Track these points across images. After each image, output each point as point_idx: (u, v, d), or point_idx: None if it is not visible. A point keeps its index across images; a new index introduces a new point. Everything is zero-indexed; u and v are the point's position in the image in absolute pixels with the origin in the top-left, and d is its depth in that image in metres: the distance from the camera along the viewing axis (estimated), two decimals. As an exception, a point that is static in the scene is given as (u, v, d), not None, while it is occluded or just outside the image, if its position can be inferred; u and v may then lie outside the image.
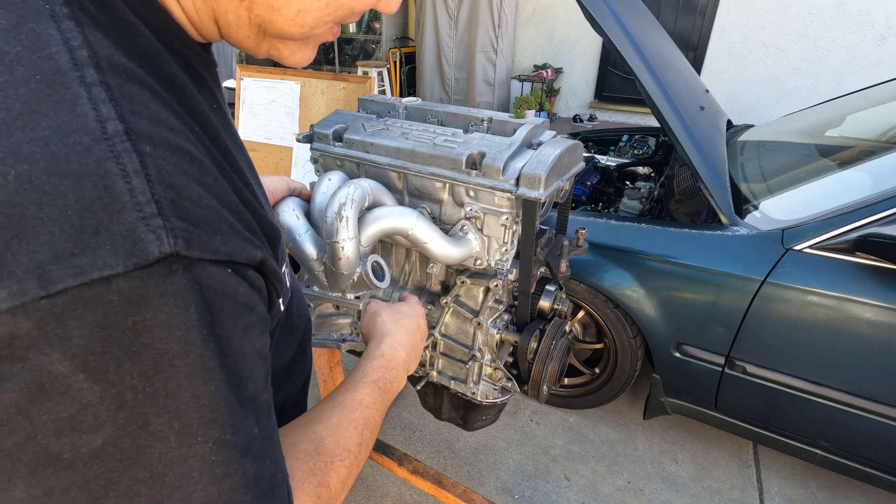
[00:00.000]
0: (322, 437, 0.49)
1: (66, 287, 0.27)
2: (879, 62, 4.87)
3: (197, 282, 0.31)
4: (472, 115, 0.97)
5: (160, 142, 0.31)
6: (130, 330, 0.29)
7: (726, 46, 5.46)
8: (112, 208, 0.28)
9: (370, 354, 0.62)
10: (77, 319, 0.27)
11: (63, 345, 0.27)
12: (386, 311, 0.71)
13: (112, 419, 0.29)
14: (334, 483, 0.47)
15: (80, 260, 0.27)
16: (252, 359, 0.37)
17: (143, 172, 0.29)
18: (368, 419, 0.54)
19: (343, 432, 0.51)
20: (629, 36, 1.68)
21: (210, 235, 0.32)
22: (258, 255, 0.37)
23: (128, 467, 0.30)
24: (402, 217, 0.81)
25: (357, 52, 7.13)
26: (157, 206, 0.29)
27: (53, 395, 0.27)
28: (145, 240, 0.29)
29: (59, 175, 0.27)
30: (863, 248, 1.42)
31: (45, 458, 0.28)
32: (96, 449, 0.29)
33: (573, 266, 1.76)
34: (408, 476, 1.67)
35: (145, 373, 0.29)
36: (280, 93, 1.93)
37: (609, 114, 6.32)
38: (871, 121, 2.31)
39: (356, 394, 0.55)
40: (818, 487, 1.90)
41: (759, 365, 1.63)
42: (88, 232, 0.27)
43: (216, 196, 0.35)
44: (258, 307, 0.38)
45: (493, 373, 1.02)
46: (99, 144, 0.28)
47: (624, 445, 2.06)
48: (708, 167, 1.73)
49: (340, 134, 0.98)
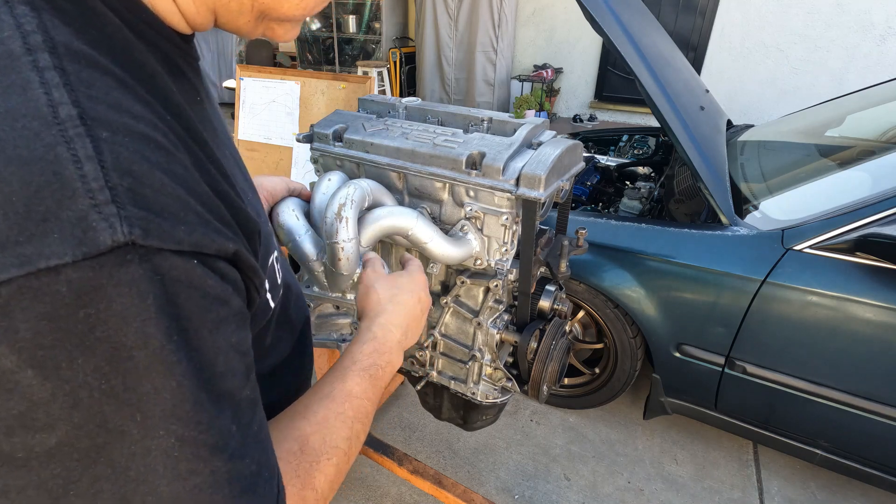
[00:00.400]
0: (307, 434, 0.47)
1: (10, 277, 0.26)
2: (879, 62, 4.86)
3: (157, 272, 0.30)
4: (472, 115, 0.97)
5: (120, 128, 0.30)
6: (82, 323, 0.27)
7: (726, 46, 5.46)
8: (61, 195, 0.27)
9: (361, 338, 0.58)
10: (23, 311, 0.26)
11: (8, 338, 0.26)
12: (381, 284, 0.65)
13: (66, 418, 0.28)
14: (321, 484, 0.45)
15: (25, 248, 0.26)
16: (227, 353, 0.35)
17: (97, 158, 0.28)
18: (359, 411, 0.51)
19: (330, 428, 0.48)
20: (629, 36, 1.68)
21: (173, 225, 0.31)
22: (230, 248, 0.36)
23: (87, 466, 0.29)
24: (402, 217, 0.81)
25: (357, 52, 7.13)
26: (111, 193, 0.28)
27: (0, 392, 0.27)
28: (97, 228, 0.27)
29: (4, 160, 0.26)
30: (863, 248, 1.41)
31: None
32: (51, 448, 0.28)
33: (573, 266, 1.76)
34: (408, 476, 1.67)
35: (100, 368, 0.28)
36: (280, 93, 1.93)
37: (609, 114, 6.32)
38: (871, 121, 2.31)
39: (345, 384, 0.52)
40: (818, 487, 1.90)
41: (759, 365, 1.63)
42: (35, 219, 0.26)
43: (184, 185, 0.33)
44: (233, 301, 0.37)
45: (493, 373, 1.02)
46: (49, 129, 0.27)
47: (624, 445, 2.06)
48: (708, 167, 1.73)
49: (340, 134, 0.98)
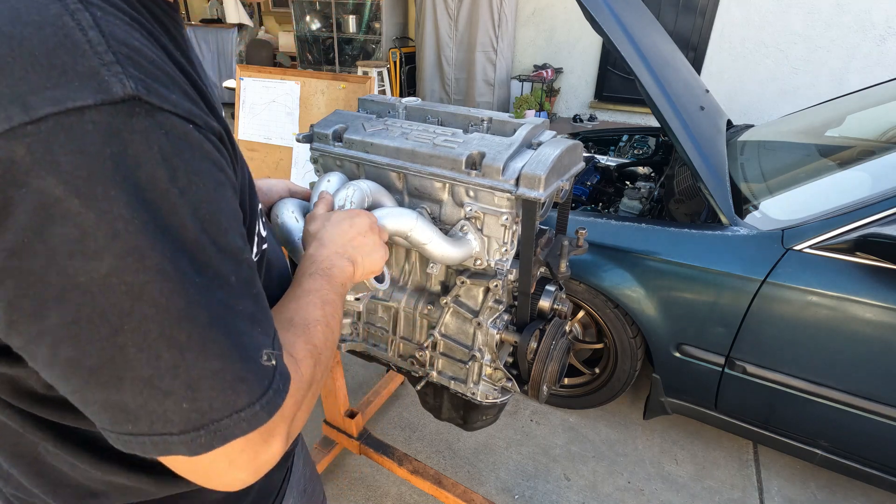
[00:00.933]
0: (289, 317, 0.52)
1: (46, 114, 0.30)
2: (879, 62, 4.86)
3: (161, 127, 0.34)
4: (472, 115, 0.97)
5: (110, 12, 0.34)
6: (109, 160, 0.31)
7: (726, 46, 5.46)
8: (74, 52, 0.31)
9: (305, 256, 0.64)
10: (61, 146, 0.30)
11: (54, 169, 0.30)
12: (314, 221, 0.70)
13: (110, 247, 0.31)
14: (319, 341, 0.51)
15: (55, 92, 0.30)
16: (229, 213, 0.39)
17: (97, 27, 0.32)
18: (324, 298, 0.57)
19: (306, 309, 0.54)
20: (629, 36, 1.68)
21: (168, 91, 0.35)
22: (216, 127, 0.40)
23: (135, 300, 0.32)
24: (401, 218, 0.80)
25: (357, 52, 7.13)
26: (114, 56, 0.32)
27: (58, 219, 0.30)
28: (109, 81, 0.31)
29: (22, 24, 0.30)
30: (863, 248, 1.41)
31: (67, 281, 0.31)
32: (104, 276, 0.31)
33: (573, 266, 1.76)
34: (408, 476, 1.67)
35: (130, 204, 0.32)
36: (280, 93, 1.93)
37: (609, 114, 6.32)
38: (871, 121, 2.31)
39: (300, 288, 0.57)
40: (818, 487, 1.90)
41: (759, 365, 1.63)
42: (58, 70, 0.30)
43: (170, 67, 0.37)
44: (228, 171, 0.40)
45: (493, 373, 1.02)
46: (54, 3, 0.31)
47: (624, 445, 2.06)
48: (708, 167, 1.73)
49: (340, 134, 0.98)
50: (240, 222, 0.41)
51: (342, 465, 1.93)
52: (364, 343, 1.13)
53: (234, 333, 0.37)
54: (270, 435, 0.40)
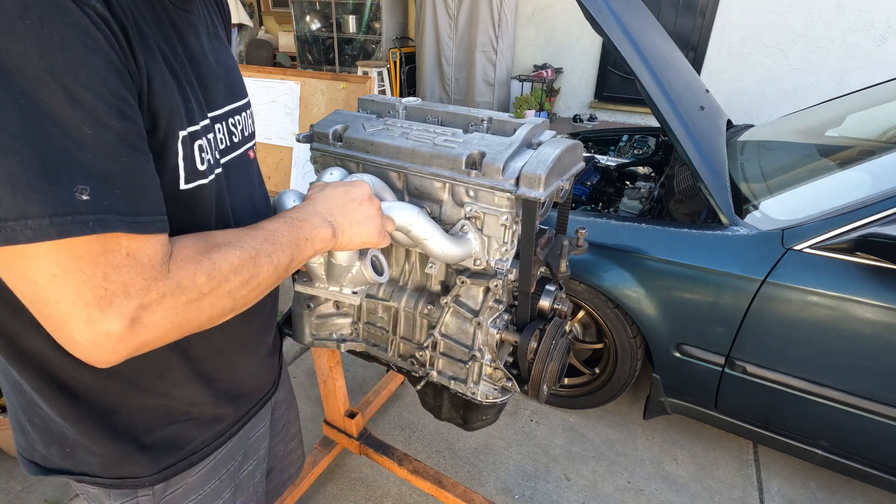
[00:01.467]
0: (214, 235, 0.53)
1: None
2: (879, 62, 4.86)
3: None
4: (472, 115, 0.97)
5: None
6: None
7: (726, 46, 5.46)
8: None
9: None
10: None
11: None
12: (311, 190, 0.71)
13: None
14: (220, 261, 0.50)
15: None
16: (92, 75, 0.42)
17: None
18: (272, 238, 0.56)
19: (240, 236, 0.54)
20: (629, 36, 1.68)
21: None
22: (103, 12, 0.44)
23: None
24: (403, 211, 0.80)
25: (357, 52, 7.12)
26: None
27: None
28: None
29: None
30: (863, 248, 1.41)
31: None
32: None
33: (573, 266, 1.76)
34: (408, 476, 1.67)
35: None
36: (280, 93, 1.93)
37: (609, 114, 6.32)
38: (871, 121, 2.31)
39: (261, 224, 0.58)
40: (818, 487, 1.90)
41: (759, 365, 1.63)
42: None
43: None
44: (105, 47, 0.44)
45: (493, 373, 1.02)
46: None
47: (624, 445, 2.06)
48: (708, 167, 1.73)
49: (340, 134, 0.98)
50: (115, 96, 0.44)
51: (342, 465, 1.93)
52: (364, 343, 1.13)
53: (49, 154, 0.40)
54: (108, 303, 0.43)
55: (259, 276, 0.54)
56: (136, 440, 0.66)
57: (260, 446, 0.88)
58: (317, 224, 0.62)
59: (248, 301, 0.55)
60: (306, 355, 2.52)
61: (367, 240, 0.68)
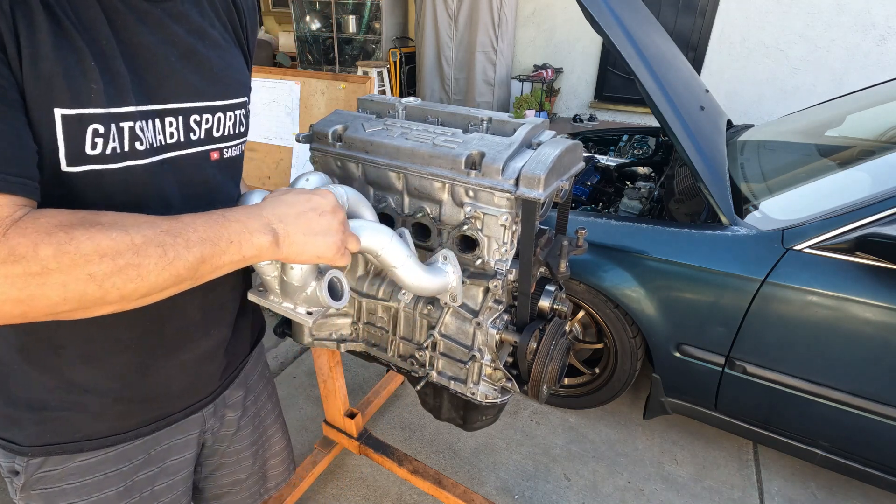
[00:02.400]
0: (101, 215, 0.49)
1: None
2: (879, 62, 4.86)
3: None
4: (472, 115, 0.97)
5: None
6: None
7: (726, 46, 5.46)
8: None
9: None
10: None
11: None
12: (274, 193, 0.66)
13: None
14: (83, 239, 0.46)
15: None
16: None
17: None
18: (177, 227, 0.51)
19: (134, 221, 0.49)
20: (629, 36, 1.68)
21: None
22: None
23: None
24: (372, 234, 0.72)
25: (357, 52, 7.12)
26: None
27: None
28: None
29: None
30: (863, 248, 1.41)
31: None
32: None
33: (573, 266, 1.76)
34: (408, 476, 1.67)
35: None
36: (280, 93, 1.93)
37: (609, 114, 6.32)
38: (871, 121, 2.31)
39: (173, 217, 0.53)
40: (818, 487, 1.90)
41: (759, 365, 1.63)
42: None
43: None
44: None
45: (492, 373, 1.02)
46: None
47: (624, 445, 2.06)
48: (708, 167, 1.73)
49: (340, 134, 0.98)
50: None
51: (342, 465, 1.93)
52: (364, 343, 1.13)
53: None
54: None
55: (142, 266, 0.48)
56: (30, 410, 0.68)
57: (170, 456, 0.82)
58: (253, 228, 0.56)
59: (126, 292, 0.49)
60: (306, 355, 2.52)
61: (321, 255, 0.61)
